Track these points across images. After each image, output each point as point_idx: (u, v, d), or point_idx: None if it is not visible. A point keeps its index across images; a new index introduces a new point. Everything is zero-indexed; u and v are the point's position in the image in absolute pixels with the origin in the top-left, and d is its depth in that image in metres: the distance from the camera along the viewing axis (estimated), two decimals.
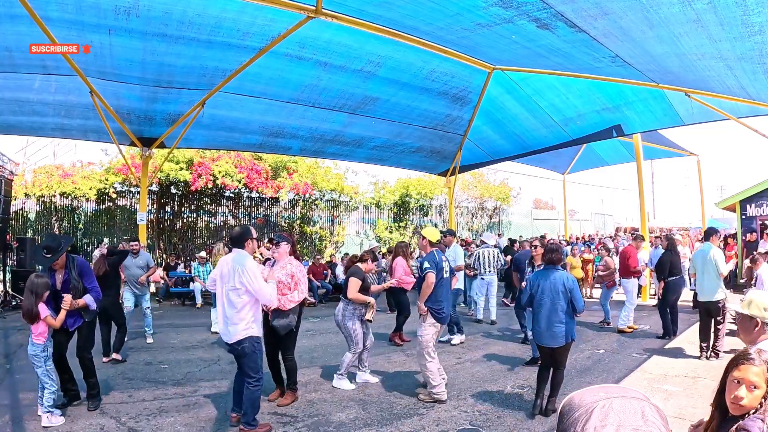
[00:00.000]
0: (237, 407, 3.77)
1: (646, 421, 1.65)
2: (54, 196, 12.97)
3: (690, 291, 9.36)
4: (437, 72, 7.85)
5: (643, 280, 9.32)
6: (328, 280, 12.06)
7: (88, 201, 13.34)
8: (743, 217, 12.00)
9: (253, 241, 3.90)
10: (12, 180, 10.92)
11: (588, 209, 27.51)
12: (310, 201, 15.87)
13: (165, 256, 13.40)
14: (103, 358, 5.71)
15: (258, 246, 4.51)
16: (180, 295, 11.29)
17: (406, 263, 7.13)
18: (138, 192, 12.25)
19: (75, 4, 5.44)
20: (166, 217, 13.98)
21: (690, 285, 10.54)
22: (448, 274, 4.67)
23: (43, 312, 3.75)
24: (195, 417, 4.01)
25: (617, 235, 18.42)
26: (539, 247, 6.02)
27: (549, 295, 4.05)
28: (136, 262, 6.70)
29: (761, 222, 11.66)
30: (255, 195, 15.00)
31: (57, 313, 3.87)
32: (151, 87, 7.66)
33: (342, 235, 16.72)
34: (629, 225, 23.15)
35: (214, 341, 6.93)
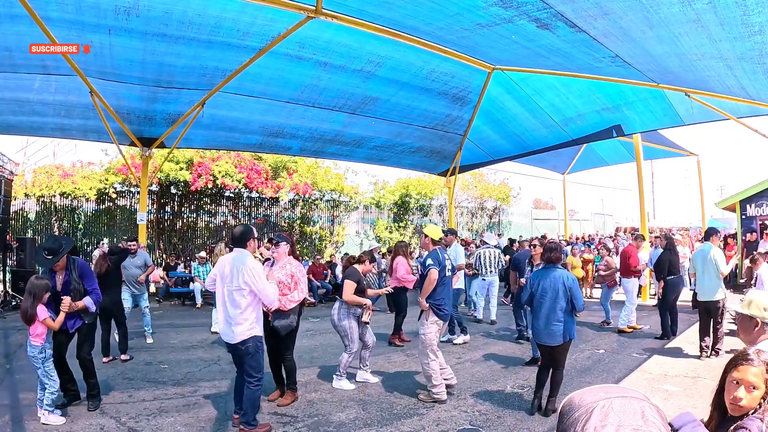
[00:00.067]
0: (239, 408, 3.77)
1: (646, 421, 1.65)
2: (54, 196, 12.97)
3: (690, 291, 9.37)
4: (437, 72, 7.85)
5: (643, 280, 9.32)
6: (328, 280, 12.06)
7: (88, 201, 13.34)
8: (743, 217, 12.00)
9: (255, 241, 3.90)
10: (12, 180, 10.92)
11: (588, 209, 27.53)
12: (310, 201, 15.87)
13: (165, 256, 13.40)
14: (103, 358, 5.70)
15: (258, 246, 4.51)
16: (180, 295, 11.30)
17: (407, 262, 7.12)
18: (138, 192, 12.25)
19: (75, 4, 5.44)
20: (166, 217, 13.98)
21: (690, 285, 10.55)
22: (450, 273, 4.67)
23: (43, 314, 3.74)
24: (195, 417, 4.01)
25: (617, 235, 18.42)
26: (538, 247, 6.02)
27: (549, 294, 4.06)
28: (134, 261, 6.72)
29: (761, 222, 11.66)
30: (255, 195, 15.00)
31: (56, 315, 3.86)
32: (151, 87, 7.66)
33: (342, 235, 16.72)
34: (629, 225, 23.15)
35: (214, 341, 6.93)
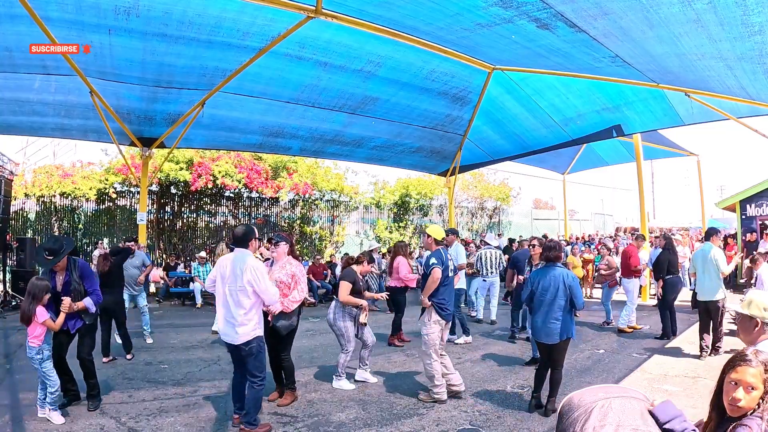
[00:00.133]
0: (240, 409, 3.76)
1: (645, 421, 1.65)
2: (54, 196, 12.96)
3: (690, 291, 9.37)
4: (437, 72, 7.85)
5: (644, 280, 9.32)
6: (328, 280, 12.06)
7: (88, 201, 13.33)
8: (743, 217, 11.99)
9: (257, 241, 3.91)
10: (12, 180, 10.92)
11: (588, 209, 27.51)
12: (310, 201, 15.87)
13: (165, 256, 13.39)
14: (104, 358, 5.71)
15: (258, 246, 4.52)
16: (180, 295, 11.29)
17: (407, 262, 7.12)
18: (138, 192, 12.25)
19: (75, 4, 5.44)
20: (166, 217, 13.98)
21: (690, 285, 10.55)
22: (452, 273, 4.67)
23: (43, 315, 3.74)
24: (195, 417, 4.01)
25: (617, 235, 18.42)
26: (537, 247, 6.01)
27: (549, 292, 4.08)
28: (132, 262, 6.76)
29: (761, 222, 11.65)
30: (255, 195, 14.99)
31: (56, 315, 3.86)
32: (151, 87, 7.66)
33: (342, 235, 16.72)
34: (629, 225, 23.15)
35: (214, 341, 6.93)
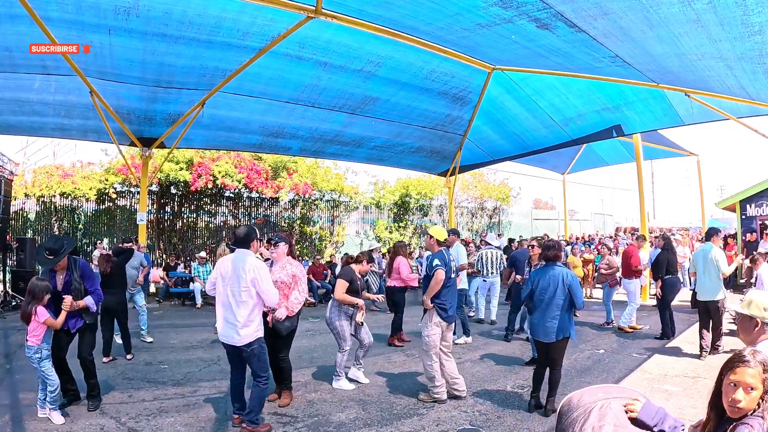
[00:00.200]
0: (239, 410, 3.75)
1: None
2: (54, 196, 12.96)
3: (689, 291, 9.36)
4: (437, 72, 7.85)
5: (643, 280, 9.34)
6: (327, 280, 12.05)
7: (88, 201, 13.32)
8: (743, 217, 11.99)
9: (258, 242, 3.92)
10: (12, 180, 10.91)
11: (588, 209, 27.51)
12: (310, 201, 15.87)
13: (165, 256, 13.39)
14: (104, 358, 5.71)
15: (258, 246, 4.52)
16: (180, 296, 11.28)
17: (408, 262, 7.12)
18: (138, 192, 12.25)
19: (75, 4, 5.45)
20: (166, 218, 13.97)
21: (690, 285, 10.55)
22: (454, 274, 4.66)
23: (43, 315, 3.75)
24: (195, 417, 4.01)
25: (617, 235, 18.43)
26: (536, 248, 6.00)
27: (548, 291, 4.10)
28: (131, 262, 6.74)
29: (761, 222, 11.65)
30: (255, 195, 14.99)
31: (57, 315, 3.86)
32: (151, 87, 7.66)
33: (342, 236, 16.72)
34: (629, 225, 23.15)
35: (214, 341, 6.92)
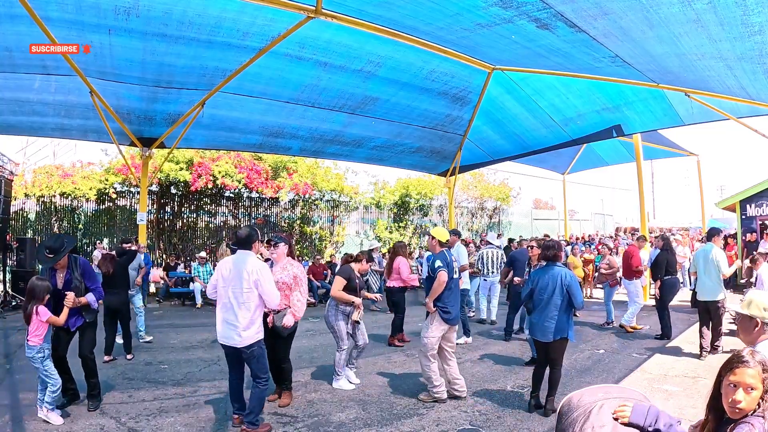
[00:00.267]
0: (239, 410, 3.75)
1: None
2: (54, 196, 12.95)
3: (690, 291, 9.36)
4: (437, 72, 7.85)
5: (644, 280, 9.35)
6: (327, 280, 12.05)
7: (88, 201, 13.32)
8: (743, 217, 11.99)
9: (260, 243, 3.93)
10: (12, 180, 10.92)
11: (588, 209, 27.52)
12: (310, 201, 15.86)
13: (165, 256, 13.40)
14: (105, 357, 5.72)
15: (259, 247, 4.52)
16: (180, 296, 11.29)
17: (407, 262, 7.11)
18: (138, 192, 12.24)
19: (75, 4, 5.44)
20: (166, 218, 13.97)
21: (690, 284, 10.55)
22: (457, 275, 4.65)
23: (45, 314, 3.75)
24: (195, 417, 4.01)
25: (617, 235, 18.44)
26: (535, 248, 6.00)
27: (547, 291, 4.12)
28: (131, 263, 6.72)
29: (761, 222, 11.65)
30: (255, 195, 14.98)
31: (57, 313, 3.86)
32: (151, 87, 7.66)
33: (342, 236, 16.71)
34: (629, 225, 23.16)
35: (214, 341, 6.92)
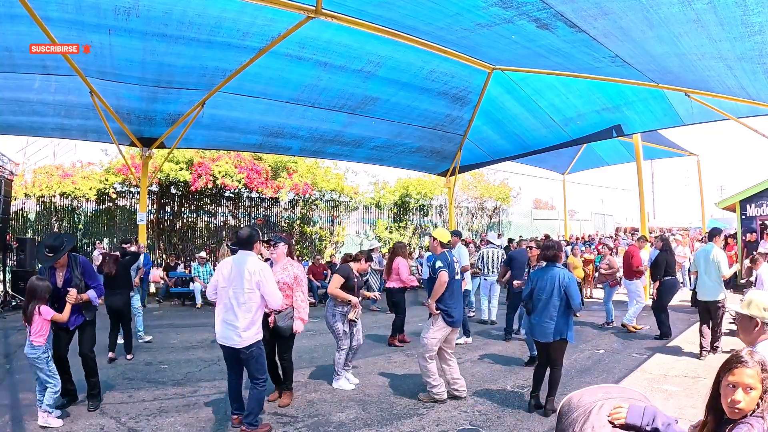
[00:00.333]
0: (238, 410, 3.75)
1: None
2: (54, 196, 12.95)
3: (690, 290, 9.36)
4: (437, 72, 7.84)
5: (644, 279, 9.36)
6: (327, 280, 12.06)
7: (88, 201, 13.32)
8: (743, 217, 11.99)
9: (260, 243, 3.93)
10: (12, 180, 10.92)
11: (588, 209, 27.52)
12: (310, 201, 15.86)
13: (165, 256, 13.40)
14: (109, 353, 5.79)
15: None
16: (180, 296, 11.29)
17: (407, 263, 7.11)
18: (138, 192, 12.23)
19: (75, 4, 5.44)
20: (166, 218, 13.97)
21: (690, 284, 10.55)
22: (459, 275, 4.64)
23: (48, 313, 3.76)
24: (195, 417, 4.01)
25: (617, 235, 18.44)
26: (534, 249, 6.00)
27: (545, 292, 4.13)
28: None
29: (761, 222, 11.65)
30: (255, 195, 14.98)
31: (56, 312, 3.86)
32: (151, 87, 7.65)
33: (342, 236, 16.71)
34: (629, 225, 23.18)
35: (214, 341, 6.91)
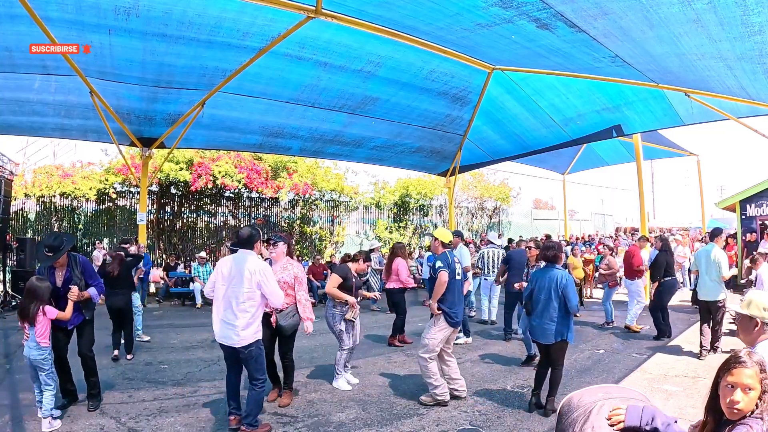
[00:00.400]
0: (236, 410, 3.74)
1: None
2: (54, 196, 12.95)
3: (690, 290, 9.36)
4: (437, 72, 7.85)
5: (645, 279, 9.36)
6: (327, 280, 12.05)
7: (88, 201, 13.31)
8: (743, 217, 11.99)
9: (261, 243, 3.94)
10: (12, 180, 10.91)
11: (588, 209, 27.53)
12: (310, 201, 15.86)
13: (165, 256, 13.40)
14: (114, 351, 5.83)
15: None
16: (180, 296, 11.29)
17: (406, 264, 7.11)
18: (138, 192, 12.23)
19: (75, 4, 5.44)
20: (166, 218, 13.96)
21: (690, 284, 10.55)
22: (460, 275, 4.63)
23: (53, 313, 3.77)
24: (195, 417, 4.01)
25: (617, 235, 18.44)
26: (534, 249, 5.99)
27: (544, 293, 4.14)
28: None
29: (761, 222, 11.65)
30: (255, 195, 14.97)
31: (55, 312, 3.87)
32: (151, 87, 7.65)
33: (342, 236, 16.71)
34: (629, 225, 23.18)
35: (214, 341, 6.91)
